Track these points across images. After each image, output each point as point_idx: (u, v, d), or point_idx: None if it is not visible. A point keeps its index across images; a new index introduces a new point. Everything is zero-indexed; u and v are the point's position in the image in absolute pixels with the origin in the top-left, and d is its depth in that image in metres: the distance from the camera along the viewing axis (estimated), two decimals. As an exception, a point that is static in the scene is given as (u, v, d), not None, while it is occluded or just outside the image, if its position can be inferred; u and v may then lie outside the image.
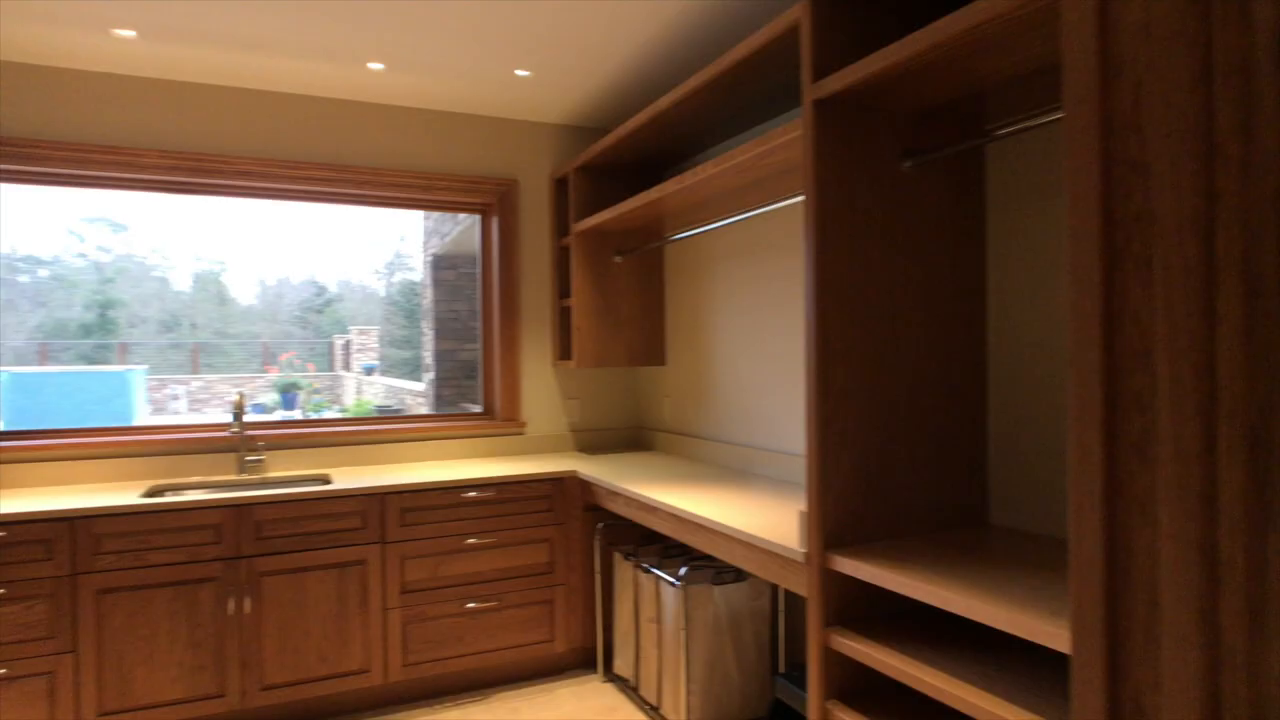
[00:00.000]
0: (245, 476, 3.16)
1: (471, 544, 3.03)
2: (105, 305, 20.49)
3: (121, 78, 3.06)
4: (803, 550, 1.88)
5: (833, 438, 1.85)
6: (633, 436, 3.97)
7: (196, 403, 14.79)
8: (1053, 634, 1.28)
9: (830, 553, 1.82)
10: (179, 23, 2.63)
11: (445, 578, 2.99)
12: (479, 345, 3.87)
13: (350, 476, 3.09)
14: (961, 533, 1.95)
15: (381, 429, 3.49)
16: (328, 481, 3.04)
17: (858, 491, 1.87)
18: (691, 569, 2.72)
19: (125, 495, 2.73)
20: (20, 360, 16.62)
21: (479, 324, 3.86)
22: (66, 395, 10.82)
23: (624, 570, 3.06)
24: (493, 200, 3.69)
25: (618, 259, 3.60)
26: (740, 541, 2.17)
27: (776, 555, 2.01)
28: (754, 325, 3.09)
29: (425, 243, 7.72)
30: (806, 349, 1.87)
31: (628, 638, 3.04)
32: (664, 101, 2.73)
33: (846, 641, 1.76)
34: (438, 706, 2.96)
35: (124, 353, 17.48)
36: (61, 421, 10.37)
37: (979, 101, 1.98)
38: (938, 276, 1.98)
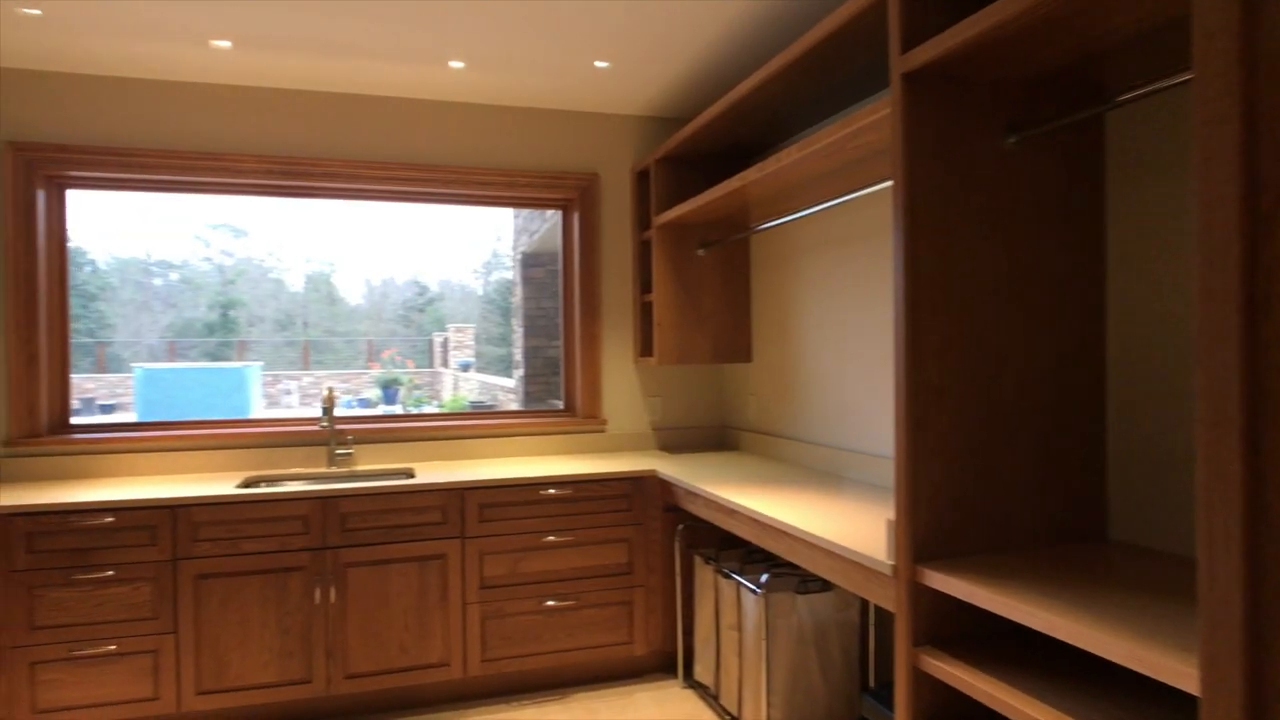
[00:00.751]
0: (334, 469, 3.25)
1: (550, 542, 3.01)
2: (227, 305, 22.07)
3: (218, 87, 3.20)
4: (890, 562, 1.74)
5: (924, 440, 1.69)
6: (717, 436, 3.86)
7: (307, 397, 15.63)
8: (1181, 672, 1.10)
9: (920, 566, 1.67)
10: (271, 31, 2.72)
11: (524, 575, 2.98)
12: (560, 342, 3.86)
13: (433, 471, 3.13)
14: (1074, 548, 1.75)
15: (465, 424, 3.52)
16: (411, 475, 3.09)
17: (953, 500, 1.71)
18: (774, 576, 2.60)
19: (222, 485, 2.85)
20: (153, 357, 18.10)
21: (560, 320, 3.84)
22: (191, 389, 11.64)
23: (704, 574, 2.96)
24: (574, 195, 3.66)
25: (701, 252, 3.50)
26: (823, 550, 2.04)
27: (861, 566, 1.87)
28: (845, 320, 2.92)
29: (515, 241, 7.84)
30: (896, 344, 1.73)
31: (708, 644, 2.94)
32: (743, 87, 2.61)
33: (937, 663, 1.60)
34: (515, 704, 2.95)
35: (243, 350, 18.74)
36: (188, 414, 11.16)
37: (1095, 66, 1.77)
38: (1047, 262, 1.79)
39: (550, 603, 3.00)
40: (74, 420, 3.18)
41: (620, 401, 3.72)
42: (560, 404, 3.85)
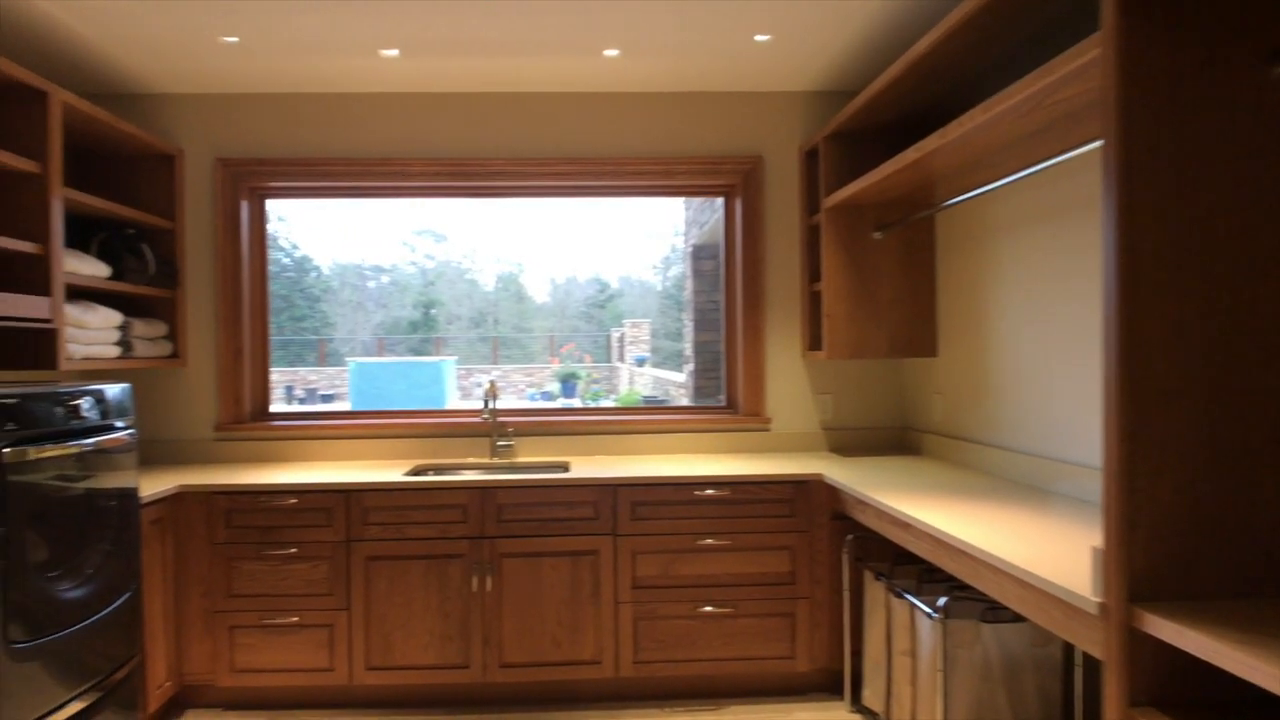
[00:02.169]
0: (495, 460, 3.31)
1: (706, 545, 2.86)
2: (428, 305, 24.16)
3: (388, 95, 3.38)
4: (1096, 599, 1.41)
5: (1146, 452, 1.35)
6: (896, 438, 3.51)
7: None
8: None
9: (1139, 607, 1.33)
10: (435, 35, 2.80)
11: (677, 577, 2.85)
12: (721, 335, 3.69)
13: (588, 466, 3.09)
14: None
15: (623, 420, 3.48)
16: (566, 469, 3.07)
17: (1187, 527, 1.36)
18: (954, 599, 2.27)
19: (391, 472, 2.98)
20: (365, 352, 20.17)
21: (722, 313, 3.68)
22: (396, 381, 12.81)
23: (874, 591, 2.68)
24: (736, 181, 3.48)
25: (877, 235, 3.19)
26: (1011, 576, 1.72)
27: (1060, 601, 1.54)
28: (1052, 307, 2.51)
29: (686, 233, 7.77)
30: (1105, 335, 1.40)
31: (878, 667, 2.66)
32: (921, 45, 2.32)
33: (1163, 734, 1.27)
34: (667, 709, 2.84)
35: (440, 345, 20.34)
36: (392, 404, 12.26)
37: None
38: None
39: (706, 608, 2.86)
40: (273, 409, 3.49)
41: (786, 398, 3.50)
42: (723, 400, 3.68)
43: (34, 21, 2.59)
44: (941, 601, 2.22)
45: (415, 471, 3.13)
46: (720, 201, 3.71)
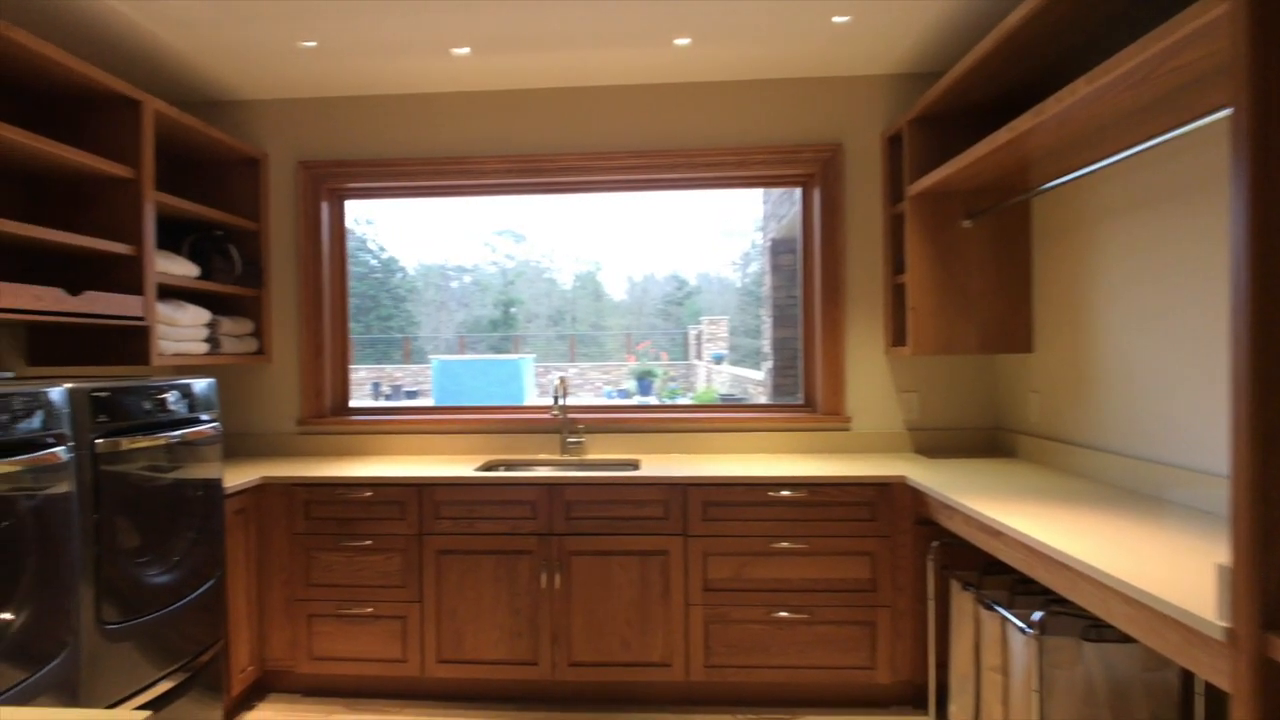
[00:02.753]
0: (565, 457, 3.29)
1: (781, 548, 2.75)
2: (508, 304, 24.71)
3: (460, 95, 3.40)
4: (1221, 624, 1.25)
5: (1283, 458, 1.19)
6: (988, 439, 3.31)
7: (572, 388, 16.74)
8: None
9: (1276, 636, 1.17)
10: (505, 32, 2.79)
11: (750, 580, 2.76)
12: (799, 331, 3.56)
13: (658, 464, 3.02)
14: None
15: (696, 418, 3.39)
16: (636, 467, 3.01)
17: (1332, 546, 1.18)
18: (1052, 615, 2.10)
19: (463, 467, 2.99)
20: (448, 350, 20.73)
21: (799, 308, 3.54)
22: (476, 378, 13.10)
23: (962, 602, 2.51)
24: (814, 170, 3.34)
25: (966, 223, 2.99)
26: (1118, 593, 1.56)
27: (1177, 623, 1.38)
28: (1163, 297, 2.29)
29: (764, 228, 7.60)
30: (1234, 325, 1.24)
31: (965, 682, 2.49)
32: (1013, 18, 2.15)
33: (1305, 783, 1.11)
34: (739, 715, 2.74)
35: (519, 344, 20.71)
36: (473, 400, 12.54)
37: None
38: None
39: (781, 613, 2.75)
40: (354, 404, 3.57)
41: (867, 397, 3.34)
42: (800, 398, 3.55)
43: (127, 34, 2.71)
44: (1037, 616, 2.05)
45: (486, 467, 3.14)
46: (799, 193, 3.58)
